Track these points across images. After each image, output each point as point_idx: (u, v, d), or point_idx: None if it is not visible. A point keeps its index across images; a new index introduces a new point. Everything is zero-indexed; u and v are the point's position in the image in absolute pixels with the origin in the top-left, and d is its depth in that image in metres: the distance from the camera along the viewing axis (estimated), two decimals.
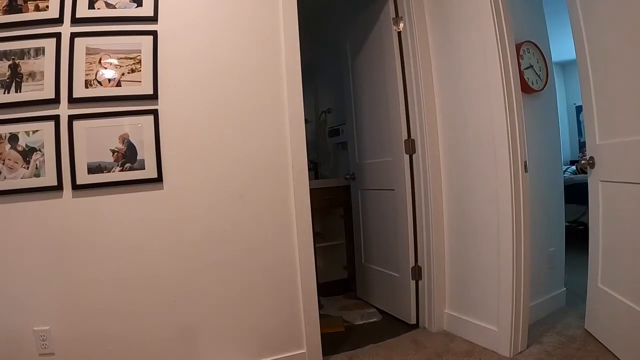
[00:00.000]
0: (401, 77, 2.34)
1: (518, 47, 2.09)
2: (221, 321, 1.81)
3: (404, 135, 2.34)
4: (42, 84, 1.61)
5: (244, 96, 1.86)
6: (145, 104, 1.71)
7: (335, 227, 3.19)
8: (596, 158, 1.89)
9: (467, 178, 2.10)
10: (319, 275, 2.43)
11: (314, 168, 3.73)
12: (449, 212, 2.23)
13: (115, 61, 1.69)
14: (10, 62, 1.60)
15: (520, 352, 1.87)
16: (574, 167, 5.05)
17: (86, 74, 1.65)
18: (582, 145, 5.59)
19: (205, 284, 1.79)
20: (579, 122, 5.77)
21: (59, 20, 1.63)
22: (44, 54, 1.61)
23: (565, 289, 2.43)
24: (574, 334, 2.00)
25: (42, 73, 1.61)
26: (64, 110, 1.63)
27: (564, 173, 4.04)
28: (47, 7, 1.63)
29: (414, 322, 2.34)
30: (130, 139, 1.69)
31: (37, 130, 1.60)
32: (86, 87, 1.65)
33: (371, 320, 2.49)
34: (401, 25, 2.32)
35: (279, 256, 1.90)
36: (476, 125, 2.03)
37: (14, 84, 1.60)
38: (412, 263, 2.33)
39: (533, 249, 1.99)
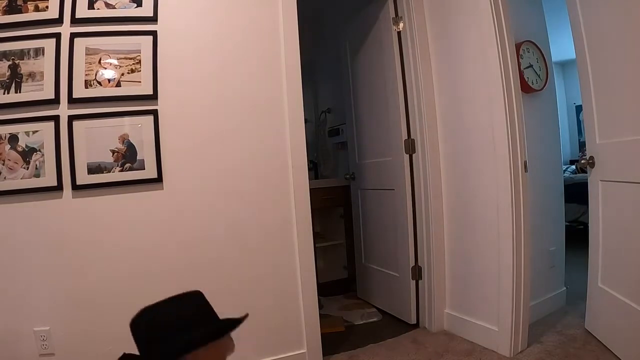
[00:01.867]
0: (401, 77, 2.34)
1: (518, 46, 2.09)
2: None
3: (404, 135, 2.33)
4: (42, 84, 1.61)
5: (243, 96, 1.86)
6: (145, 104, 1.71)
7: (335, 227, 3.19)
8: (596, 157, 1.89)
9: (467, 178, 2.10)
10: (319, 275, 2.43)
11: (314, 168, 3.73)
12: (448, 211, 2.23)
13: (115, 61, 1.69)
14: (10, 62, 1.60)
15: (521, 351, 1.87)
16: (574, 167, 5.05)
17: (86, 74, 1.65)
18: (582, 145, 5.59)
19: (205, 283, 1.78)
20: (579, 122, 5.77)
21: (58, 21, 1.63)
22: (43, 54, 1.61)
23: (565, 288, 2.43)
24: (574, 334, 2.00)
25: (41, 73, 1.61)
26: (63, 110, 1.63)
27: (564, 172, 4.04)
28: (47, 7, 1.63)
29: (414, 321, 2.34)
30: (130, 139, 1.69)
31: (37, 131, 1.60)
32: (86, 87, 1.65)
33: (371, 320, 2.49)
34: (401, 25, 2.32)
35: (279, 256, 1.90)
36: (476, 124, 2.03)
37: (13, 84, 1.60)
38: (412, 263, 2.33)
39: (533, 248, 1.99)
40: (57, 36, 1.62)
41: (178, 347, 0.85)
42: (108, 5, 1.69)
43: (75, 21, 1.65)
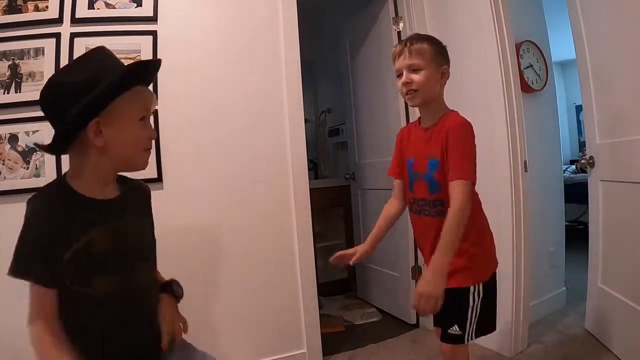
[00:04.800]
0: None
1: (518, 46, 2.09)
2: (221, 321, 1.81)
3: None
4: (42, 84, 1.60)
5: (243, 96, 1.86)
6: None
7: (335, 227, 3.19)
8: (596, 157, 1.89)
9: None
10: (319, 275, 2.43)
11: (314, 168, 3.73)
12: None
13: None
14: (10, 62, 1.60)
15: (521, 351, 1.87)
16: (574, 167, 5.05)
17: None
18: (582, 145, 5.59)
19: (205, 284, 1.79)
20: (579, 122, 5.77)
21: (58, 21, 1.63)
22: (43, 54, 1.61)
23: (565, 288, 2.43)
24: (574, 334, 2.00)
25: (41, 73, 1.61)
26: None
27: (564, 172, 4.04)
28: (47, 7, 1.63)
29: (414, 321, 2.34)
30: None
31: (37, 131, 1.60)
32: None
33: (371, 320, 2.49)
34: (401, 25, 2.31)
35: (279, 256, 1.90)
36: (476, 124, 2.01)
37: (13, 84, 1.60)
38: (412, 263, 2.33)
39: (533, 248, 1.99)
40: (57, 36, 1.62)
41: (83, 106, 0.79)
42: (108, 5, 1.69)
43: (75, 21, 1.65)
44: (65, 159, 1.61)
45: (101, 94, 0.80)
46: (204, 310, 1.78)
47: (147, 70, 0.91)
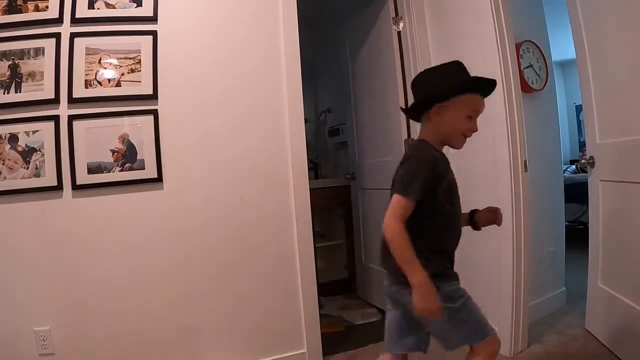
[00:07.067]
0: (401, 77, 2.34)
1: (518, 46, 2.09)
2: (221, 321, 1.81)
3: (404, 135, 2.33)
4: (42, 84, 1.61)
5: (243, 96, 1.86)
6: (145, 104, 1.71)
7: (335, 227, 3.18)
8: (596, 157, 1.89)
9: (467, 177, 2.08)
10: (319, 275, 2.43)
11: (314, 168, 3.73)
12: None
13: (115, 61, 1.69)
14: (10, 62, 1.60)
15: (521, 351, 1.87)
16: (574, 167, 5.05)
17: (86, 74, 1.65)
18: (582, 145, 5.58)
19: (206, 283, 1.79)
20: (579, 122, 5.76)
21: (58, 21, 1.63)
22: (43, 54, 1.61)
23: (565, 288, 2.43)
24: (574, 334, 2.00)
25: (42, 73, 1.61)
26: (63, 110, 1.63)
27: (564, 172, 4.04)
28: (47, 7, 1.63)
29: None
30: (130, 139, 1.69)
31: (37, 131, 1.60)
32: (86, 87, 1.65)
33: (371, 320, 2.49)
34: (401, 24, 2.31)
35: (279, 256, 1.89)
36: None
37: (13, 84, 1.60)
38: None
39: (533, 248, 1.99)
40: (57, 36, 1.62)
41: (428, 96, 1.15)
42: (108, 5, 1.69)
43: (75, 21, 1.65)
44: (64, 159, 1.62)
45: (439, 94, 1.14)
46: (204, 310, 1.78)
47: (479, 86, 1.18)
